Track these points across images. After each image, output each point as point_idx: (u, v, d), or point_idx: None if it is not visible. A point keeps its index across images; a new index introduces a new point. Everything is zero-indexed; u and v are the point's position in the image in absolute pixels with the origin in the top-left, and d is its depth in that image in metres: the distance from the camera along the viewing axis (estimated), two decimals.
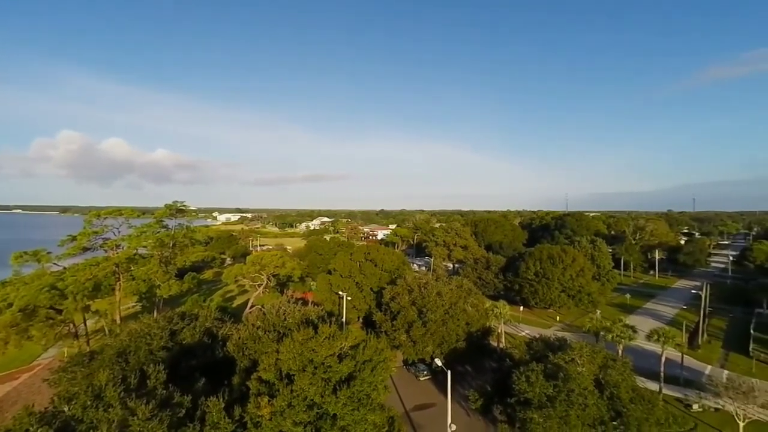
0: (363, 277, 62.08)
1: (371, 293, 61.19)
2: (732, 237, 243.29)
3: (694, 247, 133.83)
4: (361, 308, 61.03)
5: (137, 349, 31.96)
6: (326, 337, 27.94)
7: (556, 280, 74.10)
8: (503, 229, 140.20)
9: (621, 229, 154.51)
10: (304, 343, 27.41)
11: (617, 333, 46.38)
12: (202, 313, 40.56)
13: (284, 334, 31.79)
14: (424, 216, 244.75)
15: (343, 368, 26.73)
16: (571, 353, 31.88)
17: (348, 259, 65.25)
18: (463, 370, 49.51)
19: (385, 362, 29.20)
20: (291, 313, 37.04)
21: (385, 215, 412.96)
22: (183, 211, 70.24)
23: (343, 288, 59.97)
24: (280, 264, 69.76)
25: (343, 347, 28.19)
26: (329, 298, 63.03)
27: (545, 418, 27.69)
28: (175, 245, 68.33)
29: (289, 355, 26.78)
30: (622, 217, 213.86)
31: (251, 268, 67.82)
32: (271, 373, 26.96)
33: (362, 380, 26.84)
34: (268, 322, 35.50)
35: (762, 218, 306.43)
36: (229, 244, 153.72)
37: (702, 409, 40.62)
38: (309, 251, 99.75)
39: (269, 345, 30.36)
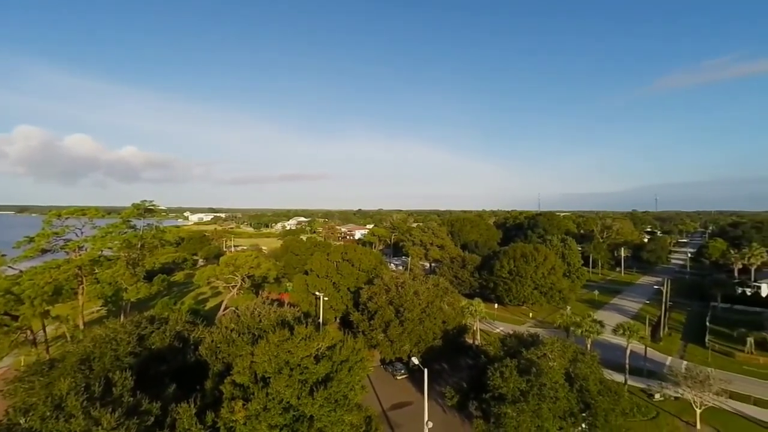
0: (340, 277, 61.76)
1: (348, 293, 60.96)
2: (690, 235, 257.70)
3: (656, 245, 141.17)
4: (339, 308, 60.69)
5: (102, 355, 30.50)
6: (302, 338, 27.62)
7: (529, 278, 76.27)
8: (479, 228, 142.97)
9: (590, 228, 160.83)
10: (279, 345, 26.99)
11: (586, 328, 48.32)
12: (172, 317, 39.15)
13: (259, 336, 31.19)
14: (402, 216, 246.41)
15: (320, 369, 26.52)
16: (543, 348, 32.90)
17: (325, 259, 64.73)
18: (440, 367, 50.14)
19: (362, 362, 29.18)
20: (266, 315, 36.38)
21: (363, 215, 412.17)
22: (152, 210, 67.55)
23: (320, 288, 59.45)
24: (255, 265, 68.35)
25: (319, 348, 27.95)
26: (306, 299, 62.33)
27: (518, 412, 28.43)
28: (143, 246, 65.62)
29: (264, 358, 26.31)
30: (590, 216, 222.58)
31: (225, 269, 66.10)
32: (245, 376, 26.39)
33: (339, 381, 26.72)
34: (243, 324, 34.72)
35: (717, 218, 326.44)
36: (201, 244, 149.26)
37: (663, 398, 42.87)
38: (285, 251, 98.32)
39: (243, 348, 29.71)
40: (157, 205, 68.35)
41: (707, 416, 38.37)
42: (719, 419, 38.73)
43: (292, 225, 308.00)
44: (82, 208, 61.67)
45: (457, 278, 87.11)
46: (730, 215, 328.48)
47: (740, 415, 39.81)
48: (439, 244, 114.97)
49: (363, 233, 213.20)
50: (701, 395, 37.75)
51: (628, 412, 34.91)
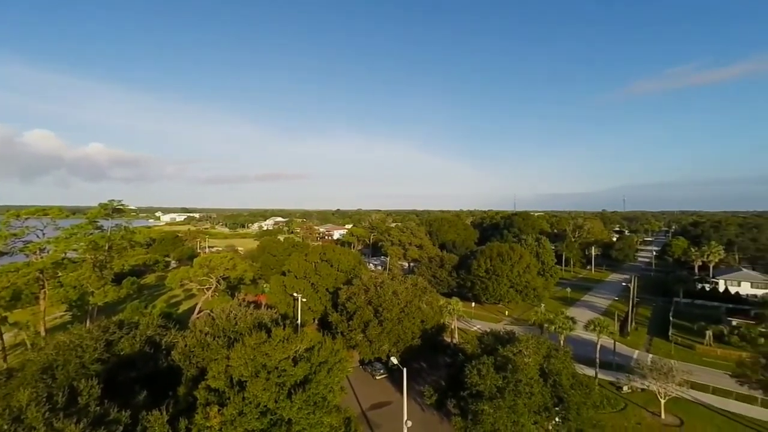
0: (318, 277, 61.17)
1: (327, 294, 60.47)
2: (655, 234, 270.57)
3: (624, 244, 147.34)
4: (317, 309, 60.11)
5: (66, 363, 28.97)
6: (280, 341, 27.17)
7: (505, 277, 77.95)
8: (456, 228, 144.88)
9: (562, 227, 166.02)
10: (256, 348, 26.45)
11: (559, 324, 49.90)
12: (143, 321, 37.67)
13: (235, 339, 30.44)
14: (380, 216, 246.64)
15: (298, 371, 26.17)
16: (519, 345, 33.69)
17: (303, 260, 63.95)
18: (419, 366, 50.51)
19: (341, 363, 29.00)
20: (242, 317, 35.56)
21: (342, 215, 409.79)
22: (121, 210, 64.75)
23: (298, 289, 58.69)
24: (231, 266, 66.72)
25: (297, 350, 27.58)
26: (283, 300, 61.39)
27: (495, 408, 29.00)
28: (111, 248, 62.80)
29: (240, 361, 25.71)
30: (563, 216, 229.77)
31: (199, 270, 64.18)
32: (220, 380, 25.72)
33: (318, 383, 26.46)
34: (218, 327, 33.81)
35: (679, 217, 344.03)
36: (174, 245, 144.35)
37: (631, 390, 44.80)
38: (262, 252, 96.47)
39: (219, 351, 28.94)
40: (126, 204, 65.61)
41: (671, 406, 40.37)
42: (681, 408, 40.83)
43: (269, 225, 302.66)
44: (44, 207, 58.44)
45: (436, 277, 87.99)
46: (692, 215, 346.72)
47: (700, 404, 42.13)
48: (418, 243, 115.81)
49: (342, 233, 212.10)
50: (665, 386, 39.70)
51: (599, 404, 36.28)
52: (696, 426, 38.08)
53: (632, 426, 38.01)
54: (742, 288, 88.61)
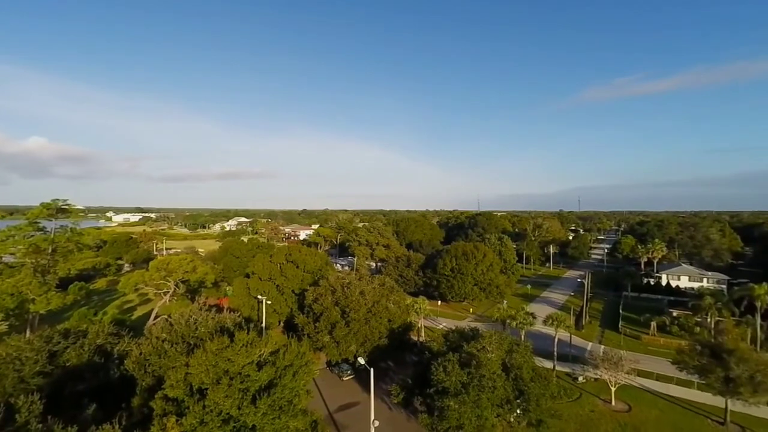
0: (284, 279, 59.92)
1: (293, 296, 59.37)
2: (606, 233, 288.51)
3: (579, 242, 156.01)
4: (283, 312, 58.87)
5: (2, 377, 26.55)
6: (243, 345, 26.37)
7: (470, 275, 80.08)
8: (423, 228, 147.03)
9: (523, 227, 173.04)
10: (218, 353, 25.51)
11: (520, 320, 52.03)
12: (92, 329, 35.25)
13: (195, 345, 29.20)
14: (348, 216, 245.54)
15: (263, 376, 25.53)
16: (482, 341, 34.75)
17: (268, 261, 62.37)
18: (386, 366, 50.77)
19: (307, 366, 28.61)
20: (203, 322, 34.14)
21: (308, 215, 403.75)
22: (66, 210, 60.11)
23: (262, 292, 57.16)
24: (191, 269, 63.86)
25: (262, 354, 26.90)
26: (247, 303, 59.56)
27: (460, 404, 29.75)
28: (55, 251, 58.15)
29: (200, 368, 24.70)
30: (524, 216, 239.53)
31: (155, 274, 60.89)
32: (179, 389, 24.58)
33: (283, 387, 25.94)
34: (176, 333, 32.26)
35: (628, 217, 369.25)
36: (127, 248, 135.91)
37: (585, 380, 47.51)
38: (224, 254, 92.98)
39: (177, 358, 27.63)
40: (72, 204, 61.00)
41: (620, 393, 43.21)
42: (630, 395, 43.83)
43: (232, 225, 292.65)
44: None
45: (403, 277, 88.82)
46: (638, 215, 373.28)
47: (646, 390, 45.43)
48: (385, 243, 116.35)
49: (308, 234, 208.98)
50: (615, 375, 42.45)
51: (556, 395, 38.16)
52: (642, 411, 41.00)
53: (586, 414, 40.30)
54: (681, 282, 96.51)
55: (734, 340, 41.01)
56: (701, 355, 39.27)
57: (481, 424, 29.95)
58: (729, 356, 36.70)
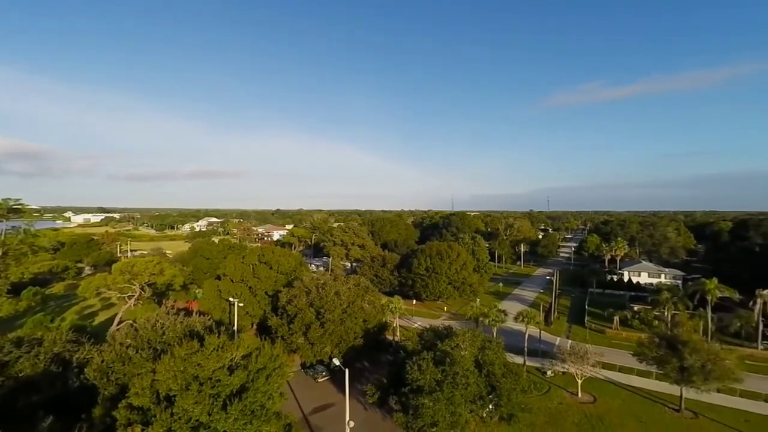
0: (257, 280, 58.68)
1: (266, 297, 58.25)
2: (574, 232, 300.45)
3: (548, 241, 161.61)
4: (255, 314, 57.64)
5: None
6: (214, 349, 25.62)
7: (444, 274, 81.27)
8: (398, 228, 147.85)
9: (495, 226, 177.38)
10: (187, 359, 24.66)
11: (492, 318, 53.35)
12: (48, 336, 33.23)
13: (162, 350, 28.10)
14: (322, 216, 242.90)
15: (234, 380, 24.90)
16: (456, 339, 35.40)
17: (240, 263, 60.87)
18: (362, 366, 50.72)
19: (281, 368, 28.13)
20: (171, 327, 32.90)
21: (282, 215, 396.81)
22: (19, 210, 56.34)
23: (234, 294, 55.72)
24: (158, 271, 61.35)
25: (234, 358, 26.23)
26: (218, 306, 57.92)
27: (434, 401, 30.16)
28: (6, 254, 54.36)
29: (168, 374, 23.79)
30: (496, 216, 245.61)
31: (119, 277, 58.08)
32: (145, 397, 23.59)
33: (256, 390, 25.40)
34: (142, 338, 30.92)
35: (593, 217, 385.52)
36: (88, 250, 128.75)
37: (553, 374, 49.29)
38: (194, 255, 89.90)
39: (143, 365, 26.50)
40: (25, 203, 57.24)
41: (586, 385, 45.12)
42: (595, 387, 45.85)
43: (203, 226, 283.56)
44: None
45: (378, 277, 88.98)
46: (603, 215, 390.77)
47: (609, 381, 47.67)
48: (360, 243, 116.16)
49: (282, 234, 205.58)
50: (581, 368, 44.30)
51: (527, 389, 39.41)
52: (606, 401, 42.99)
53: (555, 406, 41.82)
54: (642, 278, 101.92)
55: (688, 332, 43.74)
56: (659, 347, 41.64)
57: (454, 420, 30.49)
58: (683, 347, 39.11)
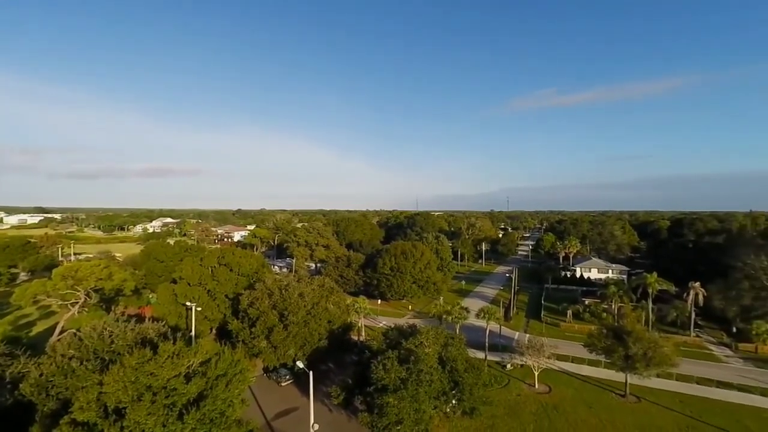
0: (216, 283, 56.36)
1: (226, 301, 56.12)
2: (531, 231, 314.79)
3: (508, 240, 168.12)
4: (215, 318, 55.36)
5: None
6: (169, 357, 24.36)
7: (409, 273, 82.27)
8: (363, 228, 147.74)
9: (458, 226, 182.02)
10: (139, 368, 23.26)
11: (455, 315, 54.73)
12: None
13: (111, 360, 26.31)
14: (286, 216, 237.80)
15: (192, 388, 23.82)
16: (420, 337, 35.97)
17: (197, 265, 58.15)
18: (326, 367, 50.21)
19: (242, 374, 27.27)
20: (120, 334, 30.84)
21: (243, 215, 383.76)
22: None
23: (191, 298, 53.16)
24: (105, 276, 57.27)
25: (191, 365, 25.09)
26: (174, 311, 55.03)
27: (399, 399, 30.46)
28: None
29: (117, 386, 22.32)
30: (459, 216, 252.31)
31: (61, 283, 53.60)
32: (91, 411, 21.98)
33: (215, 398, 24.46)
34: (87, 348, 28.75)
35: (549, 216, 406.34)
36: (24, 253, 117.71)
37: (512, 367, 51.39)
38: (147, 258, 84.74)
39: (88, 377, 24.66)
40: None
41: (542, 377, 47.44)
42: (550, 378, 48.32)
43: (156, 227, 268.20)
44: None
45: (343, 277, 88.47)
46: (558, 214, 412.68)
47: (564, 372, 50.45)
48: (325, 244, 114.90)
49: (243, 235, 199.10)
50: (538, 361, 46.53)
51: (488, 383, 40.83)
52: (560, 391, 45.45)
53: (513, 398, 43.63)
54: (592, 273, 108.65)
55: (632, 323, 47.19)
56: (607, 338, 44.65)
57: (419, 417, 30.97)
58: (628, 337, 42.20)
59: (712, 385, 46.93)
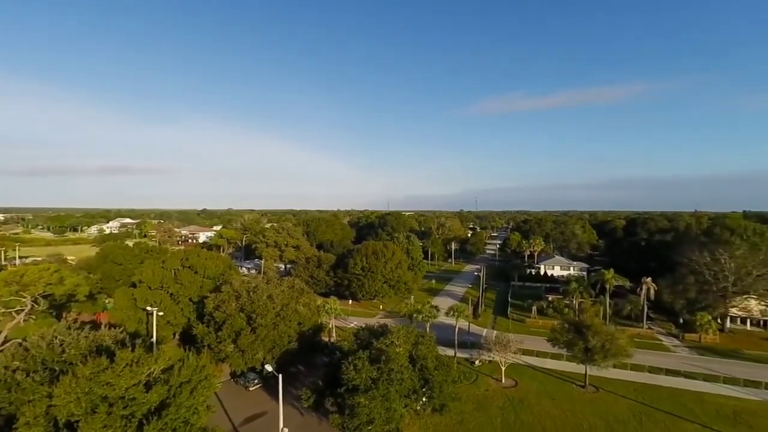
0: (180, 286, 54.09)
1: (191, 304, 54.02)
2: (499, 230, 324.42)
3: (476, 239, 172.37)
4: (178, 323, 53.16)
5: None
6: (127, 365, 23.13)
7: (380, 273, 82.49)
8: (334, 228, 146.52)
9: (428, 225, 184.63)
10: (93, 378, 21.93)
11: (426, 314, 55.48)
12: None
13: (62, 371, 24.64)
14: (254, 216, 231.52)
15: (152, 397, 22.74)
16: (391, 337, 36.16)
17: (159, 268, 55.54)
18: (296, 370, 49.43)
19: (207, 380, 26.35)
20: (73, 343, 28.95)
21: (209, 215, 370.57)
22: None
23: (153, 302, 50.72)
24: (56, 280, 53.38)
25: (151, 373, 23.94)
26: (133, 316, 52.32)
27: (370, 399, 30.49)
28: None
29: (69, 398, 20.94)
30: (429, 216, 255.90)
31: (4, 289, 49.40)
32: (39, 426, 20.51)
33: (179, 406, 23.48)
34: (34, 359, 26.76)
35: (515, 216, 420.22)
36: None
37: (481, 363, 52.76)
38: (103, 261, 79.91)
39: (35, 390, 22.98)
40: None
41: (509, 371, 49.03)
42: (516, 372, 50.03)
43: (114, 228, 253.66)
44: None
45: (313, 278, 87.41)
46: (523, 214, 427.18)
47: (529, 366, 52.38)
48: (295, 244, 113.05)
49: (209, 236, 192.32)
50: (505, 356, 48.05)
51: (457, 380, 41.77)
52: (526, 384, 47.17)
53: (482, 393, 44.80)
54: (555, 270, 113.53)
55: (591, 317, 49.81)
56: (568, 332, 46.81)
57: (390, 416, 31.14)
58: (587, 330, 44.43)
59: (661, 373, 50.31)
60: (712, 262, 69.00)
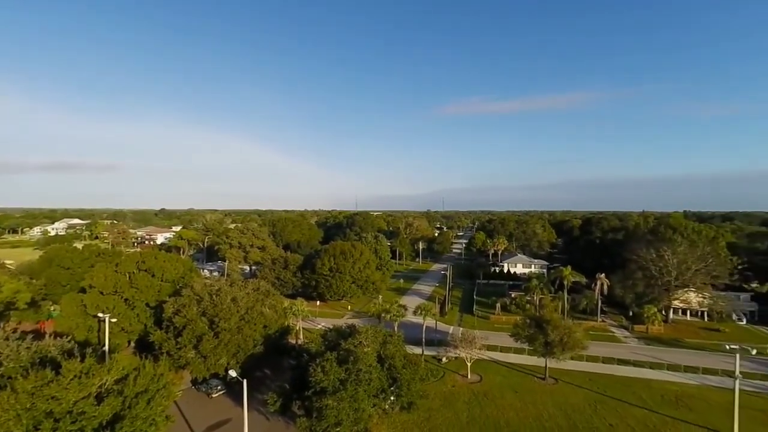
0: (135, 291, 51.14)
1: (147, 310, 51.23)
2: (464, 229, 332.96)
3: (443, 238, 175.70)
4: (134, 329, 50.26)
5: None
6: (75, 377, 21.57)
7: (348, 273, 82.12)
8: (301, 228, 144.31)
9: (396, 225, 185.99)
10: (36, 392, 20.27)
11: (394, 313, 55.93)
12: None
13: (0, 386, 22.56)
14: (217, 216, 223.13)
15: (105, 410, 21.37)
16: (359, 337, 36.12)
17: (112, 271, 52.23)
18: (262, 374, 48.18)
19: (165, 389, 25.12)
20: (12, 355, 26.63)
21: (168, 215, 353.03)
22: None
23: (105, 308, 47.60)
24: None
25: (104, 383, 22.49)
26: (83, 324, 48.88)
27: (338, 401, 30.26)
28: None
29: (8, 415, 19.26)
30: (397, 215, 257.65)
31: None
32: None
33: (134, 418, 22.21)
34: None
35: (480, 216, 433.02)
36: None
37: (447, 360, 53.86)
38: (47, 265, 74.02)
39: None
40: None
41: (475, 367, 50.41)
42: (481, 367, 51.53)
43: (60, 229, 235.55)
44: None
45: (280, 279, 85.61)
46: (488, 214, 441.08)
47: (493, 361, 54.11)
48: (260, 245, 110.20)
49: (168, 237, 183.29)
50: (470, 352, 49.36)
51: (425, 377, 42.37)
52: (491, 379, 48.72)
53: (448, 389, 45.76)
54: (518, 268, 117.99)
55: (550, 312, 52.19)
56: (529, 327, 48.84)
57: (358, 417, 31.06)
58: (547, 325, 46.56)
59: (614, 363, 53.67)
60: (657, 258, 74.51)
